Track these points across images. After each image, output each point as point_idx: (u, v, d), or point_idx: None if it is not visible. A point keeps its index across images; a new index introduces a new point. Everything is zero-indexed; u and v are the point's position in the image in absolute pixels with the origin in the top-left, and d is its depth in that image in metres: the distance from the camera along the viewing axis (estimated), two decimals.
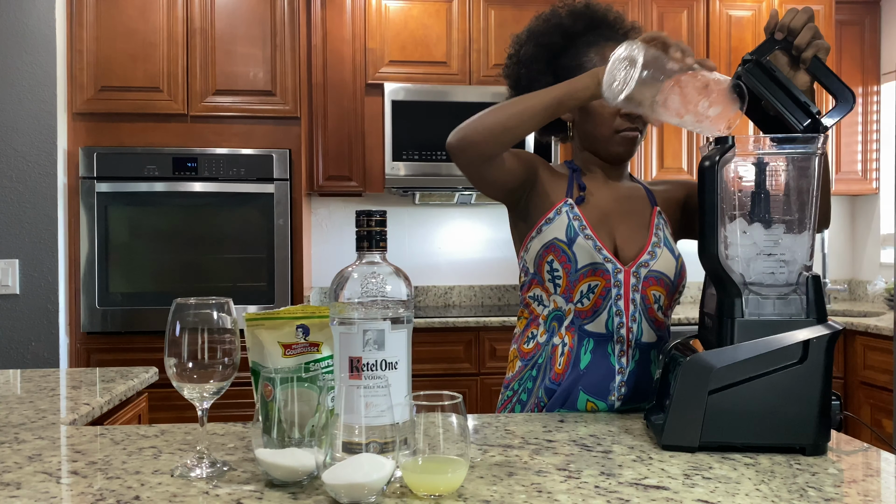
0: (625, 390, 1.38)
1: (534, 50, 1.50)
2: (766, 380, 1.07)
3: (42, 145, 3.10)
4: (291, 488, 0.93)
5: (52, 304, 3.11)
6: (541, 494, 0.90)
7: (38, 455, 1.10)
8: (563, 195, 1.45)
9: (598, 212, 1.45)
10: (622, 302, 1.38)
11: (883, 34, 4.06)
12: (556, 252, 1.39)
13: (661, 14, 3.78)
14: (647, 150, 3.78)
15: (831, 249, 4.28)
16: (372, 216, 0.99)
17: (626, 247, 1.43)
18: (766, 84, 1.13)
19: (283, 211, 3.25)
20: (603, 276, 1.38)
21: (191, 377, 0.98)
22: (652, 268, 1.41)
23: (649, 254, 1.42)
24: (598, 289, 1.37)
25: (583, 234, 1.40)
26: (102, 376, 1.85)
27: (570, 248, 1.38)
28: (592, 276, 1.38)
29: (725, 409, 1.07)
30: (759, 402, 1.07)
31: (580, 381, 1.37)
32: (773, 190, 1.13)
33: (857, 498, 0.91)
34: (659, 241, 1.44)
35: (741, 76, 1.15)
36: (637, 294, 1.40)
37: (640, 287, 1.40)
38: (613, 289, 1.38)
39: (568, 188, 1.47)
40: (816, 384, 1.07)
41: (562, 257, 1.38)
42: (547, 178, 1.47)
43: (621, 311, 1.38)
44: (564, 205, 1.43)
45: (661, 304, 1.42)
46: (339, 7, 3.57)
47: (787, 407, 1.07)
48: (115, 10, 3.23)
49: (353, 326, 0.95)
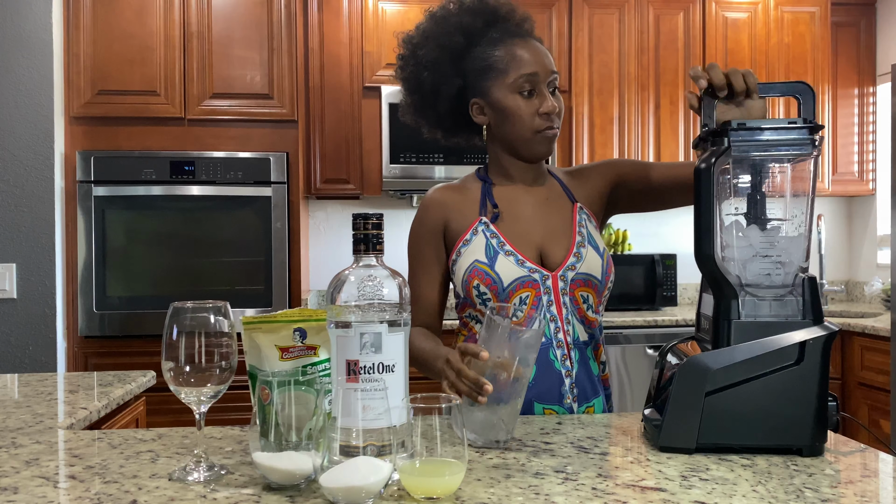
0: (576, 391, 1.40)
1: (436, 52, 1.45)
2: (762, 381, 1.07)
3: (39, 149, 3.10)
4: (289, 491, 0.93)
5: (50, 308, 3.10)
6: (538, 496, 0.90)
7: (36, 459, 1.10)
8: (477, 214, 1.45)
9: (517, 224, 1.44)
10: (554, 307, 1.40)
11: (879, 35, 4.08)
12: (479, 275, 1.39)
13: (657, 16, 3.79)
14: (644, 152, 3.79)
15: (828, 250, 4.29)
16: (368, 219, 0.99)
17: (551, 251, 1.43)
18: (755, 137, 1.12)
19: (280, 214, 3.25)
20: (532, 287, 1.39)
21: (188, 381, 0.98)
22: (579, 270, 1.41)
23: (575, 255, 1.42)
24: (530, 299, 1.38)
25: (502, 251, 1.40)
26: (100, 380, 1.85)
27: (492, 269, 1.39)
28: (521, 289, 1.38)
29: (722, 410, 1.08)
30: (756, 404, 1.07)
31: (531, 393, 1.37)
32: (769, 191, 1.14)
33: (853, 499, 0.91)
34: (583, 239, 1.44)
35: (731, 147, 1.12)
36: (566, 297, 1.41)
37: (568, 290, 1.41)
38: (544, 296, 1.39)
39: (481, 206, 1.46)
40: (813, 385, 1.07)
41: (486, 279, 1.39)
42: (455, 214, 1.45)
43: (555, 316, 1.40)
44: (479, 224, 1.43)
45: (591, 303, 1.43)
46: (336, 10, 3.57)
47: (784, 408, 1.07)
48: (111, 13, 3.23)
49: (349, 329, 0.96)
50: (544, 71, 1.40)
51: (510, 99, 1.41)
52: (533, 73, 1.39)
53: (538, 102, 1.41)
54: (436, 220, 1.47)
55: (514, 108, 1.41)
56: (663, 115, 3.80)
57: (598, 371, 1.45)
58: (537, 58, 1.40)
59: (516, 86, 1.40)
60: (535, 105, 1.41)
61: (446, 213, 1.46)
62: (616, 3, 3.76)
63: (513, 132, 1.43)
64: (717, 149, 1.11)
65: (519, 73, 1.39)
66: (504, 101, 1.41)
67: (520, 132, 1.43)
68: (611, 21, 3.77)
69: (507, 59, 1.40)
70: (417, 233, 1.50)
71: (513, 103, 1.41)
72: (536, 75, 1.40)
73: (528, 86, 1.40)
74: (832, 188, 3.97)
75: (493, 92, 1.42)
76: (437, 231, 1.47)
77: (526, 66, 1.39)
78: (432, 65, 1.46)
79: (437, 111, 1.51)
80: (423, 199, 1.51)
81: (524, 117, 1.41)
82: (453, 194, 1.49)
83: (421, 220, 1.49)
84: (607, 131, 3.77)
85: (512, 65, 1.40)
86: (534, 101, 1.41)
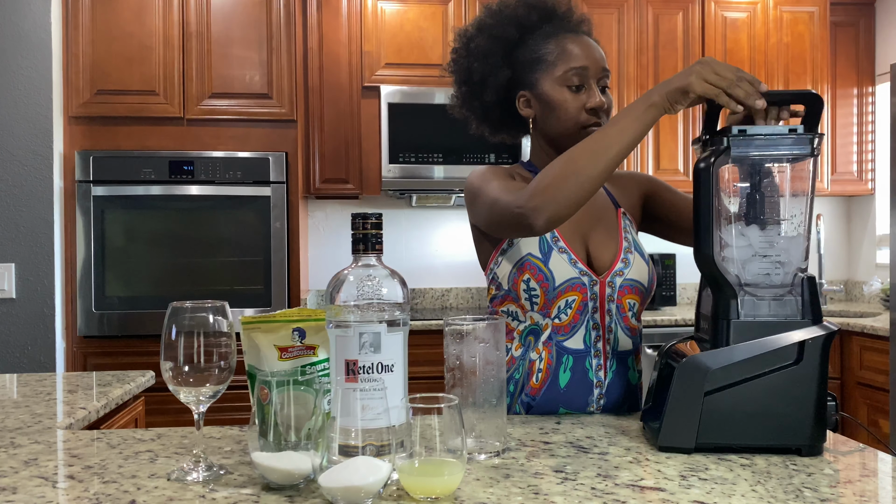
0: (603, 401, 1.38)
1: (487, 43, 1.43)
2: (761, 381, 1.07)
3: (38, 149, 3.10)
4: (288, 491, 0.93)
5: (49, 308, 3.10)
6: (537, 496, 0.90)
7: (35, 459, 1.10)
8: None
9: (568, 222, 1.39)
10: (598, 315, 1.37)
11: (878, 35, 4.08)
12: (531, 270, 1.35)
13: (656, 16, 3.79)
14: (643, 152, 3.79)
15: (827, 250, 4.29)
16: (368, 219, 0.99)
17: (599, 255, 1.40)
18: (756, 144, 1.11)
19: (279, 214, 3.25)
20: (580, 291, 1.35)
21: (187, 381, 0.98)
22: (627, 276, 1.39)
23: (623, 261, 1.39)
24: (576, 303, 1.35)
25: (556, 247, 1.36)
26: (99, 380, 1.85)
27: (545, 265, 1.35)
28: (570, 291, 1.35)
29: (721, 410, 1.08)
30: (755, 404, 1.07)
31: (559, 399, 1.36)
32: (769, 191, 1.14)
33: (852, 498, 0.91)
34: (630, 245, 1.42)
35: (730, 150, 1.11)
36: (612, 304, 1.38)
37: (615, 297, 1.38)
38: (590, 302, 1.36)
39: None
40: (812, 385, 1.07)
41: (538, 276, 1.35)
42: None
43: (598, 324, 1.37)
44: None
45: (636, 311, 1.41)
46: (335, 10, 3.57)
47: (783, 408, 1.07)
48: (110, 13, 3.23)
49: (349, 329, 0.95)
50: (595, 66, 1.37)
51: (557, 91, 1.38)
52: (583, 67, 1.36)
53: (585, 97, 1.37)
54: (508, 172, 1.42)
55: (560, 101, 1.38)
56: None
57: (636, 380, 1.43)
58: (588, 52, 1.38)
59: (565, 79, 1.37)
60: (583, 100, 1.37)
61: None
62: (615, 2, 3.76)
63: (557, 125, 1.40)
64: (717, 149, 1.11)
65: (568, 66, 1.36)
66: (551, 93, 1.38)
67: (564, 126, 1.39)
68: (610, 21, 3.77)
69: (558, 52, 1.38)
70: (497, 171, 1.40)
71: (559, 96, 1.38)
72: (586, 69, 1.36)
73: (577, 80, 1.37)
74: (831, 188, 3.98)
75: (541, 84, 1.39)
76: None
77: (576, 60, 1.36)
78: (483, 55, 1.44)
79: (484, 103, 1.48)
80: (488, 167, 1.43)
81: (570, 111, 1.38)
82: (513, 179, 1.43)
83: (496, 171, 1.41)
84: None
85: (562, 58, 1.37)
86: (581, 96, 1.37)
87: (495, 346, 1.09)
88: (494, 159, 3.54)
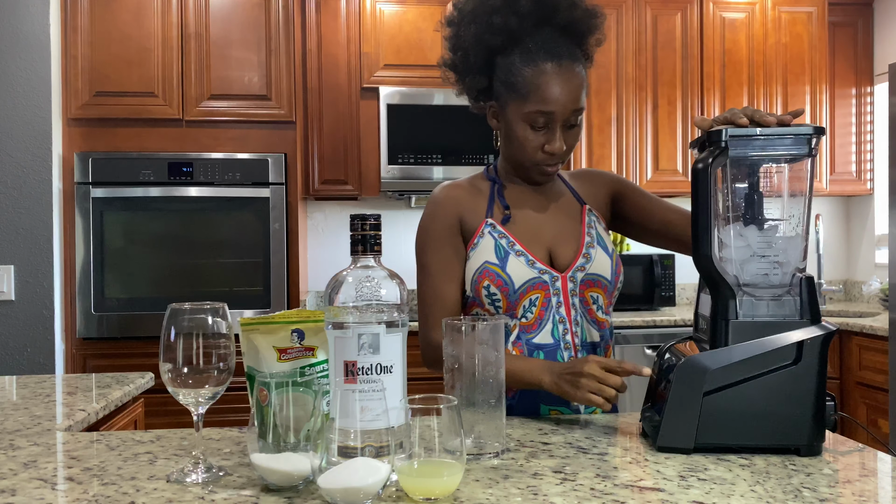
0: None
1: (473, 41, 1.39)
2: (760, 381, 1.07)
3: (37, 151, 3.10)
4: (287, 493, 0.93)
5: (48, 310, 3.10)
6: (536, 497, 0.90)
7: (34, 461, 1.10)
8: (484, 216, 1.43)
9: (527, 224, 1.43)
10: (563, 309, 1.39)
11: (876, 35, 4.08)
12: (490, 277, 1.37)
13: (654, 16, 3.79)
14: (641, 152, 3.79)
15: (826, 250, 4.29)
16: (366, 220, 0.99)
17: (561, 252, 1.42)
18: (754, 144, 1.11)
19: (278, 215, 3.25)
20: (542, 288, 1.38)
21: (186, 382, 0.98)
22: (588, 271, 1.41)
23: (584, 256, 1.41)
24: (539, 301, 1.38)
25: (513, 251, 1.39)
26: (98, 382, 1.85)
27: (503, 270, 1.37)
28: (531, 290, 1.38)
29: (720, 410, 1.08)
30: (753, 404, 1.07)
31: (539, 395, 1.37)
32: (767, 191, 1.14)
33: (851, 498, 0.91)
34: (592, 240, 1.44)
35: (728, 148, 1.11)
36: (576, 298, 1.40)
37: (577, 291, 1.40)
38: (553, 298, 1.38)
39: (489, 207, 1.44)
40: (811, 385, 1.07)
41: (497, 281, 1.37)
42: (468, 212, 1.43)
43: (564, 318, 1.39)
44: (486, 226, 1.41)
45: (601, 304, 1.43)
46: (334, 11, 3.57)
47: (782, 408, 1.07)
48: (109, 15, 3.23)
49: (347, 330, 0.95)
50: (563, 111, 1.34)
51: (521, 127, 1.37)
52: (549, 113, 1.34)
53: (546, 139, 1.37)
54: (451, 216, 1.43)
55: (521, 137, 1.38)
56: (661, 115, 3.80)
57: None
58: (561, 94, 1.33)
59: (530, 117, 1.35)
60: (542, 140, 1.37)
61: (460, 210, 1.43)
62: (614, 3, 3.76)
63: (515, 155, 1.42)
64: (715, 149, 1.11)
65: (536, 108, 1.34)
66: (514, 125, 1.38)
67: (520, 158, 1.41)
68: (608, 22, 3.74)
69: (531, 88, 1.34)
70: (432, 231, 1.43)
71: (521, 133, 1.37)
72: (553, 115, 1.34)
73: (542, 121, 1.35)
74: (830, 188, 3.98)
75: (508, 110, 1.38)
76: (455, 227, 1.43)
77: (545, 104, 1.33)
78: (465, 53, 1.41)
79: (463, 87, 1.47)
80: (434, 196, 1.46)
81: (527, 149, 1.38)
82: (463, 192, 1.46)
83: (435, 218, 1.43)
84: (605, 132, 3.77)
85: (533, 96, 1.34)
86: (542, 136, 1.37)
87: (494, 347, 1.09)
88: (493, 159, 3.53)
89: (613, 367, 1.20)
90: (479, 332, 1.09)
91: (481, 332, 1.09)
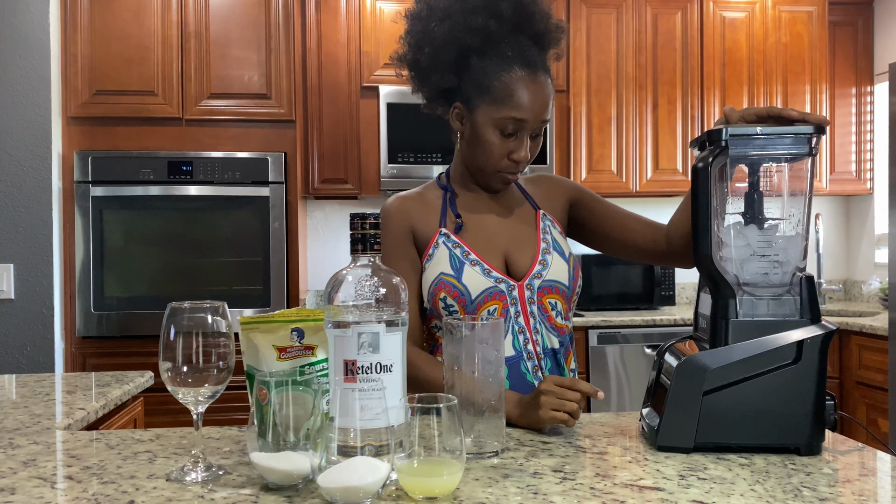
0: None
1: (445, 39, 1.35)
2: (760, 380, 1.07)
3: (37, 149, 3.10)
4: (287, 492, 0.93)
5: (48, 309, 3.10)
6: (536, 496, 0.90)
7: (33, 460, 1.10)
8: (437, 226, 1.41)
9: (482, 232, 1.41)
10: (522, 318, 1.37)
11: (876, 35, 4.08)
12: (446, 288, 1.35)
13: (654, 16, 3.79)
14: (641, 151, 3.79)
15: (826, 250, 4.30)
16: (366, 219, 0.99)
17: (517, 260, 1.40)
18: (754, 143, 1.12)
19: (278, 214, 3.25)
20: (499, 299, 1.36)
21: (185, 381, 0.98)
22: (545, 277, 1.39)
23: (540, 263, 1.40)
24: (497, 311, 1.36)
25: (468, 260, 1.37)
26: (98, 381, 1.85)
27: (458, 281, 1.35)
28: (489, 301, 1.36)
29: (720, 409, 1.08)
30: (753, 403, 1.07)
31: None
32: (767, 191, 1.14)
33: (851, 498, 0.91)
34: (548, 245, 1.42)
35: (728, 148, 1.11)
36: (534, 305, 1.38)
37: (535, 298, 1.38)
38: (511, 308, 1.37)
39: (441, 217, 1.42)
40: (811, 384, 1.07)
41: (454, 292, 1.35)
42: (420, 223, 1.41)
43: (523, 327, 1.37)
44: (440, 236, 1.39)
45: (560, 310, 1.41)
46: (334, 10, 3.57)
47: (782, 407, 1.07)
48: (109, 13, 3.22)
49: (347, 329, 0.95)
50: (534, 120, 1.34)
51: (489, 132, 1.35)
52: (521, 120, 1.33)
53: (513, 146, 1.36)
54: (403, 229, 1.41)
55: (488, 142, 1.36)
56: (661, 114, 3.80)
57: None
58: (533, 103, 1.33)
59: (500, 123, 1.34)
60: (510, 147, 1.36)
61: (411, 222, 1.41)
62: (614, 2, 3.76)
63: (477, 159, 1.40)
64: (715, 148, 1.11)
65: (508, 115, 1.33)
66: (483, 129, 1.36)
67: (483, 163, 1.39)
68: (608, 21, 3.77)
69: (505, 94, 1.33)
70: (386, 245, 1.40)
71: (489, 137, 1.36)
72: (524, 122, 1.34)
73: (512, 128, 1.34)
74: (830, 187, 3.98)
75: (477, 113, 1.36)
76: (408, 240, 1.41)
77: (518, 110, 1.33)
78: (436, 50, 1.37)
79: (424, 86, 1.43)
80: (385, 209, 1.43)
81: (494, 155, 1.37)
82: (414, 203, 1.44)
83: (387, 232, 1.40)
84: (605, 131, 3.77)
85: (507, 101, 1.33)
86: (510, 143, 1.36)
87: (494, 347, 1.09)
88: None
89: (568, 385, 1.18)
90: (478, 332, 1.09)
91: (481, 332, 1.09)
